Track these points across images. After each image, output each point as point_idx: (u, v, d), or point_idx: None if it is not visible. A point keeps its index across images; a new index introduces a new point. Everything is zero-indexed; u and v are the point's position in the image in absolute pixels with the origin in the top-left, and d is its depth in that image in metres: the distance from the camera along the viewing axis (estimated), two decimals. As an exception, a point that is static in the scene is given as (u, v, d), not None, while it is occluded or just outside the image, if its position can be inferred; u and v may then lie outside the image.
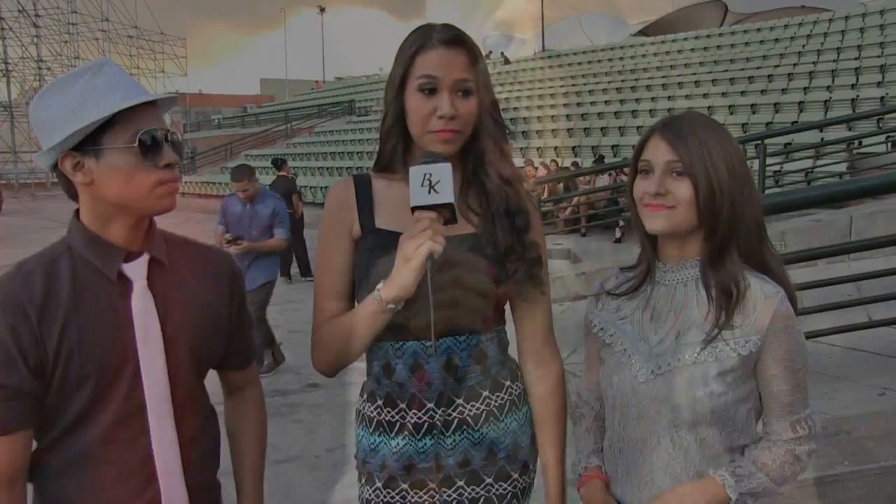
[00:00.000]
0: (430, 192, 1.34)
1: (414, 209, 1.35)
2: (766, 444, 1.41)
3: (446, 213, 1.36)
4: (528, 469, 1.60)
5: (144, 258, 1.39)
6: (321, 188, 21.02)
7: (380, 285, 1.40)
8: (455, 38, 1.45)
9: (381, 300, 1.38)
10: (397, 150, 1.52)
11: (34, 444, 1.36)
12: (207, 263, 1.53)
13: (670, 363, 1.39)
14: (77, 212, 1.39)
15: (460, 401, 1.49)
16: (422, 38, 1.45)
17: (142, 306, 1.36)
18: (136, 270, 1.38)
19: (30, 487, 1.38)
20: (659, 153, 1.38)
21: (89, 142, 1.30)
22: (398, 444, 1.50)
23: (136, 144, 1.31)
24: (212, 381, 1.58)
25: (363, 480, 1.58)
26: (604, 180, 12.59)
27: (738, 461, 1.40)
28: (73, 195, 1.38)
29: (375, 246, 1.49)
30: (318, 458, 4.33)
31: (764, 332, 1.35)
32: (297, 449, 4.46)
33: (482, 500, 1.53)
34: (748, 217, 1.38)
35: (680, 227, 1.39)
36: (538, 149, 19.00)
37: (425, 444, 1.49)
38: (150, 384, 1.36)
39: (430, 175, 1.34)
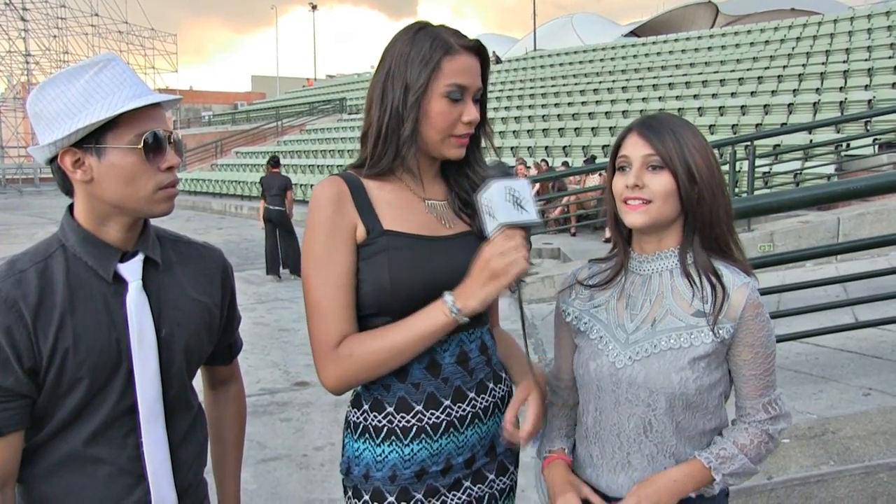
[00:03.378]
0: (517, 209, 1.32)
1: (502, 226, 1.33)
2: (743, 425, 1.49)
3: (527, 231, 1.35)
4: (519, 461, 1.65)
5: (139, 258, 1.38)
6: (311, 186, 20.97)
7: (449, 298, 1.38)
8: (476, 46, 1.48)
9: (459, 313, 1.37)
10: (413, 155, 1.48)
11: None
12: (200, 262, 1.52)
13: (647, 349, 1.46)
14: (71, 208, 1.37)
15: (472, 394, 1.50)
16: (443, 44, 1.43)
17: (137, 307, 1.35)
18: (131, 270, 1.36)
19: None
20: (636, 149, 1.46)
21: (91, 139, 1.28)
22: (412, 449, 1.47)
23: (140, 146, 1.29)
24: (197, 379, 1.57)
25: (366, 497, 1.49)
26: (594, 180, 12.61)
27: (720, 443, 1.47)
28: (68, 191, 1.36)
29: (390, 247, 1.44)
30: (305, 456, 4.31)
31: (737, 320, 1.43)
32: (285, 447, 4.45)
33: (487, 497, 1.55)
34: (722, 206, 1.47)
35: (658, 221, 1.46)
36: (529, 148, 19.01)
37: (441, 444, 1.48)
38: (142, 386, 1.35)
39: (515, 191, 1.32)
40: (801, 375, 3.78)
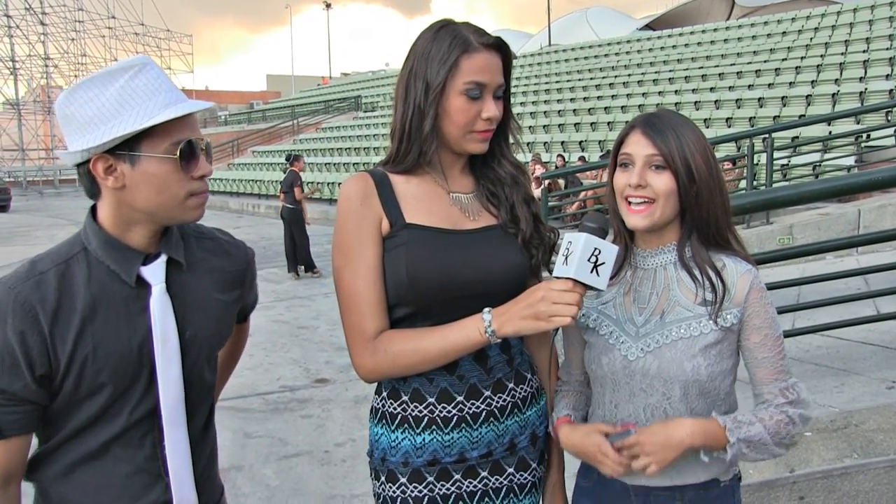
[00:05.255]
0: (592, 271, 1.32)
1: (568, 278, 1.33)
2: (762, 405, 1.50)
3: (588, 289, 1.35)
4: (544, 458, 1.64)
5: (162, 260, 1.35)
6: (328, 184, 21.03)
7: (488, 316, 1.39)
8: (496, 43, 1.49)
9: (493, 334, 1.39)
10: (435, 152, 1.50)
11: (39, 443, 1.34)
12: (224, 259, 1.50)
13: (658, 341, 1.48)
14: (93, 210, 1.35)
15: (488, 393, 1.51)
16: (462, 42, 1.45)
17: (161, 311, 1.32)
18: (154, 273, 1.34)
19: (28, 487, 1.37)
20: (640, 147, 1.48)
21: (125, 146, 1.25)
22: (423, 439, 1.50)
23: (176, 155, 1.27)
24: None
25: (383, 478, 1.54)
26: (611, 175, 12.54)
27: (738, 413, 1.48)
28: (94, 194, 1.33)
29: (409, 241, 1.46)
30: (327, 452, 4.35)
31: (742, 305, 1.47)
32: (307, 444, 4.49)
33: (505, 489, 1.55)
34: (719, 204, 1.50)
35: (659, 221, 1.49)
36: (545, 143, 18.96)
37: (452, 437, 1.50)
38: (165, 389, 1.34)
39: (600, 252, 1.33)
40: (822, 368, 3.75)
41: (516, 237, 1.54)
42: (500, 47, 1.50)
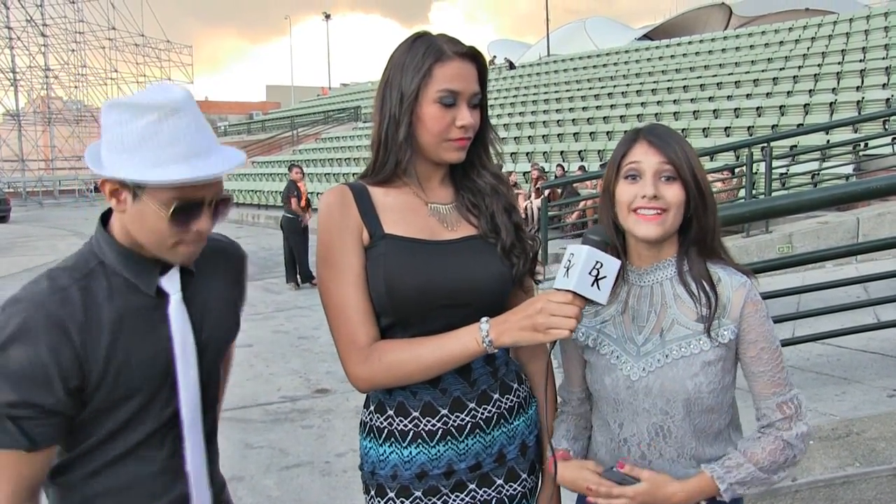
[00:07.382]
0: (593, 284, 1.31)
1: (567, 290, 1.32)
2: (756, 435, 1.50)
3: (587, 302, 1.34)
4: (535, 468, 1.63)
5: (176, 269, 1.39)
6: (327, 194, 21.01)
7: (485, 326, 1.39)
8: (469, 52, 1.50)
9: (490, 344, 1.38)
10: (410, 160, 1.50)
11: (65, 450, 1.37)
12: (225, 259, 1.55)
13: (660, 360, 1.48)
14: (104, 219, 1.38)
15: (473, 405, 1.50)
16: (436, 51, 1.46)
17: (179, 319, 1.38)
18: (171, 283, 1.38)
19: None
20: (648, 157, 1.46)
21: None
22: (410, 452, 1.50)
23: (168, 213, 1.27)
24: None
25: (373, 492, 1.55)
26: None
27: (731, 453, 1.48)
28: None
29: (387, 251, 1.47)
30: (328, 463, 4.34)
31: (738, 319, 1.46)
32: (307, 454, 4.48)
33: (494, 501, 1.54)
34: (714, 214, 1.50)
35: (669, 232, 1.47)
36: (544, 153, 18.98)
37: (438, 450, 1.49)
38: (186, 393, 1.39)
39: (601, 266, 1.32)
40: (822, 377, 3.75)
41: (496, 246, 1.53)
42: (474, 56, 1.51)
